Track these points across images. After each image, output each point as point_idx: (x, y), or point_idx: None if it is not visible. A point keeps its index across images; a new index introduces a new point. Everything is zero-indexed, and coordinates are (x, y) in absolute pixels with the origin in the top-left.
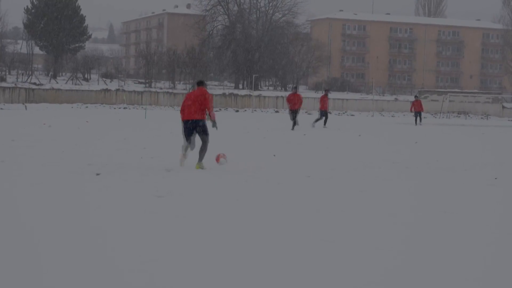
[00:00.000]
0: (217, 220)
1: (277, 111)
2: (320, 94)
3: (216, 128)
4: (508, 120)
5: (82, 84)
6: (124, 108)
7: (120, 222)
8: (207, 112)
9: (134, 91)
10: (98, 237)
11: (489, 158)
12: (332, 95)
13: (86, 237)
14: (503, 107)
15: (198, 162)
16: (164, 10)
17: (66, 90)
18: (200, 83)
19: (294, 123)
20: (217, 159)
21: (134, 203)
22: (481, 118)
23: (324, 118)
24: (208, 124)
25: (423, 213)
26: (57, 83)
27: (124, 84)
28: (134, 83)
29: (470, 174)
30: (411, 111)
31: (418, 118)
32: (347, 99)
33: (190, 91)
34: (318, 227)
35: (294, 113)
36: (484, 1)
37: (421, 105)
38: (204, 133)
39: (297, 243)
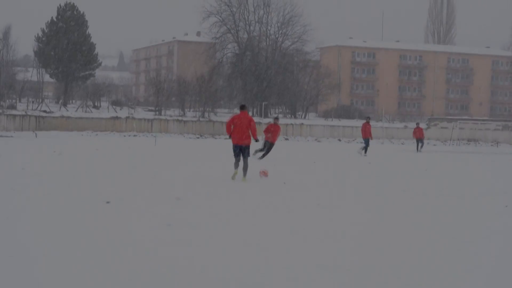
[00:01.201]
0: (227, 249)
1: (287, 139)
2: (364, 121)
3: (258, 141)
4: None
5: (92, 112)
6: (134, 135)
7: (130, 251)
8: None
9: (144, 119)
10: (109, 266)
11: (499, 185)
12: (341, 122)
13: (97, 265)
14: None
15: (243, 177)
16: (174, 37)
17: (76, 117)
18: (243, 107)
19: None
20: (265, 173)
21: (144, 232)
22: (491, 145)
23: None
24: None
25: (435, 245)
26: (67, 110)
27: (134, 112)
28: (144, 110)
29: (480, 202)
30: (414, 137)
31: (419, 145)
32: (356, 127)
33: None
34: (326, 254)
35: (271, 145)
36: (493, 29)
37: (422, 132)
38: (247, 155)
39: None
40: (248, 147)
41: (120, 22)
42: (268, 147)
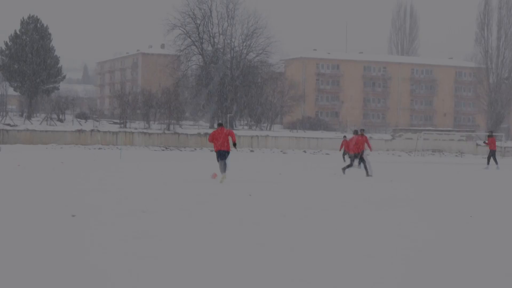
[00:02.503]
0: (193, 261)
1: (252, 151)
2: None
3: (236, 149)
4: (482, 158)
5: (56, 125)
6: (99, 148)
7: (98, 264)
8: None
9: (109, 132)
10: (76, 281)
11: (463, 195)
12: (307, 134)
13: (64, 280)
14: (477, 144)
15: (223, 177)
16: (138, 50)
17: (41, 131)
18: (221, 124)
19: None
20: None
21: (111, 245)
22: (456, 156)
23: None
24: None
25: (397, 252)
26: (32, 124)
27: (99, 125)
28: (109, 123)
29: (446, 210)
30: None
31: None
32: (321, 138)
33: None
34: (294, 267)
35: (226, 154)
36: (456, 40)
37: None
38: (228, 157)
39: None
40: (227, 152)
41: (84, 34)
42: (353, 158)
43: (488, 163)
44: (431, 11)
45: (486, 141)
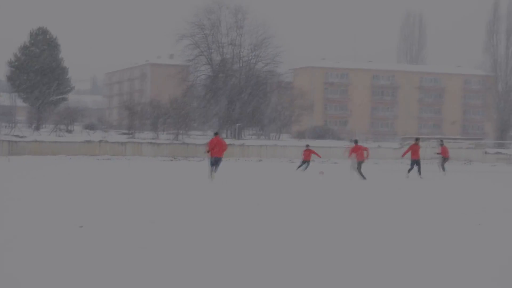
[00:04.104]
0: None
1: (260, 160)
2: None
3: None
4: (491, 166)
5: (65, 136)
6: (108, 159)
7: (108, 275)
8: None
9: (117, 142)
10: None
11: (472, 203)
12: (315, 143)
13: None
14: (485, 152)
15: (213, 175)
16: (147, 61)
17: (49, 142)
18: (217, 134)
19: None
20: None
21: (119, 255)
22: (464, 164)
23: (417, 167)
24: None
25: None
26: (40, 135)
27: (107, 135)
28: (117, 134)
29: (454, 218)
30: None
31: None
32: (330, 147)
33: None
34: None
35: (218, 160)
36: (465, 48)
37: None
38: (219, 164)
39: None
40: (220, 159)
41: (93, 45)
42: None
43: (444, 169)
44: (440, 19)
45: (439, 151)
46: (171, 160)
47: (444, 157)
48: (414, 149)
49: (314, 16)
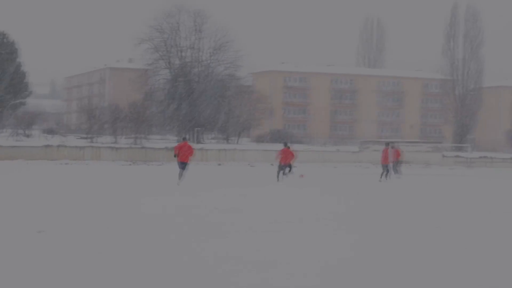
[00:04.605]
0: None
1: (220, 164)
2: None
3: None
4: (449, 169)
5: (23, 141)
6: (66, 164)
7: (64, 279)
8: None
9: (76, 146)
10: None
11: (431, 206)
12: (275, 146)
13: None
14: (443, 156)
15: (180, 182)
16: (106, 65)
17: (7, 146)
18: (185, 139)
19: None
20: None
21: (76, 260)
22: (422, 167)
23: (385, 171)
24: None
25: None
26: None
27: (66, 140)
28: (76, 138)
29: (412, 220)
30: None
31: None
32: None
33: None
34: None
35: (184, 164)
36: (423, 52)
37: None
38: (186, 168)
39: None
40: (187, 163)
41: (52, 50)
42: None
43: (397, 172)
44: (399, 23)
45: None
46: (130, 164)
47: (396, 161)
48: (386, 154)
49: (274, 20)
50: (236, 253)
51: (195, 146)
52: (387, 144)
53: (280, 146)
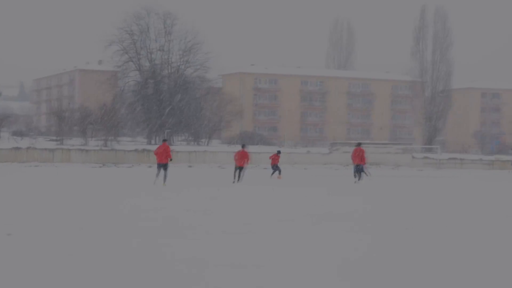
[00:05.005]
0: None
1: (190, 166)
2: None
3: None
4: (418, 170)
5: None
6: (36, 166)
7: (34, 282)
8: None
9: (46, 149)
10: None
11: (400, 207)
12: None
13: None
14: (413, 157)
15: (164, 183)
16: (75, 66)
17: None
18: (165, 140)
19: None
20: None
21: (46, 262)
22: (392, 168)
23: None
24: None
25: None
26: None
27: (36, 142)
28: (46, 140)
29: (381, 223)
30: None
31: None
32: (259, 153)
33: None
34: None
35: (164, 166)
36: (393, 54)
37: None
38: (166, 169)
39: None
40: (166, 164)
41: (21, 51)
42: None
43: (366, 174)
44: (368, 26)
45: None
46: (100, 166)
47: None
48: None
49: (244, 22)
50: (203, 255)
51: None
52: (358, 144)
53: (241, 148)
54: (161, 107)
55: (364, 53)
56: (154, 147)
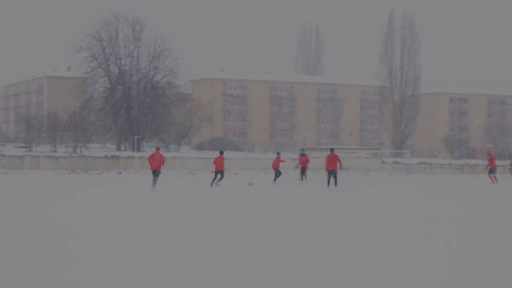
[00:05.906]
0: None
1: (160, 172)
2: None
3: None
4: (388, 175)
5: None
6: (4, 173)
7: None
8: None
9: (14, 156)
10: None
11: (371, 213)
12: (215, 154)
13: None
14: (383, 162)
15: (153, 187)
16: (43, 73)
17: None
18: (158, 148)
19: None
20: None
21: (17, 270)
22: (362, 173)
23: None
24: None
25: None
26: None
27: (4, 149)
28: (15, 147)
29: (353, 229)
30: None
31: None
32: (229, 158)
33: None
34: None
35: (157, 172)
36: (361, 59)
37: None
38: (158, 175)
39: None
40: (158, 171)
41: None
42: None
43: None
44: (337, 31)
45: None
46: (70, 173)
47: (303, 167)
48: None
49: (212, 28)
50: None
51: (134, 154)
52: (331, 150)
53: (217, 154)
54: (130, 113)
55: (333, 58)
56: (124, 154)
